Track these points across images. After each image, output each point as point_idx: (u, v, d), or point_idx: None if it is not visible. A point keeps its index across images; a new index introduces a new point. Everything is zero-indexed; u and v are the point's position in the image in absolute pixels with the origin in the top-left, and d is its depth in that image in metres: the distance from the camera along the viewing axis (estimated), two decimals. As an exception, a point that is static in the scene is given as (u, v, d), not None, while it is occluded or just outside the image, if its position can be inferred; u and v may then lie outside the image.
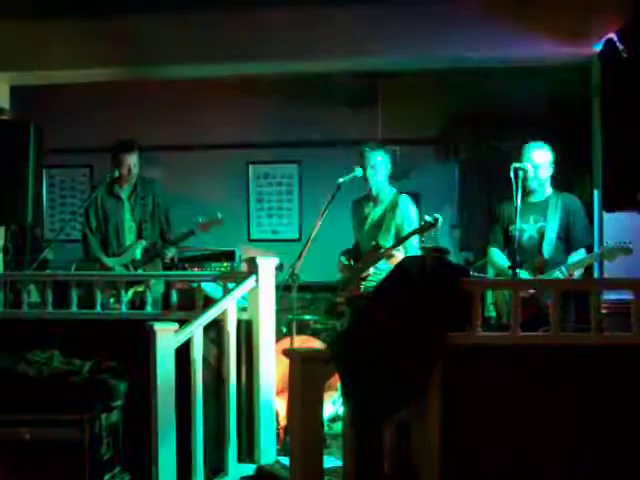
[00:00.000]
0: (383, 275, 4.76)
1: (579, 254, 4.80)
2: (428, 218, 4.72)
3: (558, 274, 4.66)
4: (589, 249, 4.91)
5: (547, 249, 4.81)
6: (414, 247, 4.96)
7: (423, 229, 4.77)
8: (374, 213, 5.17)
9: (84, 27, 5.98)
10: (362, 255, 5.16)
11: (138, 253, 5.52)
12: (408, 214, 5.04)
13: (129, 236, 5.60)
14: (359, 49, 5.78)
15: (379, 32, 5.68)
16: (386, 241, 4.99)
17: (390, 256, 4.85)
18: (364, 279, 4.96)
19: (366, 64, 6.21)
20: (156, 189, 5.73)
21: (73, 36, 5.99)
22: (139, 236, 5.60)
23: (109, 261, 5.52)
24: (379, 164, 5.10)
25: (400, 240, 4.90)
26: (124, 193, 5.64)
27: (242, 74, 6.58)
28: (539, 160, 4.84)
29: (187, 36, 5.92)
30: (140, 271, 5.47)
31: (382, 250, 4.92)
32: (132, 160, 5.57)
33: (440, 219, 4.69)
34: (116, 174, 5.55)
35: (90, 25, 5.96)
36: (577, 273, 4.73)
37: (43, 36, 6.00)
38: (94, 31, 5.97)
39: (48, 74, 6.28)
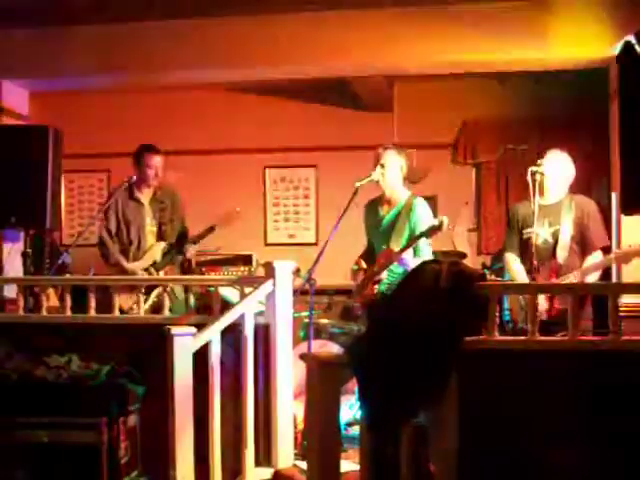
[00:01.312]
0: (396, 278, 4.78)
1: (595, 257, 4.74)
2: (434, 221, 4.68)
3: (572, 279, 4.62)
4: (606, 251, 4.83)
5: (561, 253, 4.74)
6: (428, 252, 4.92)
7: (428, 232, 4.72)
8: (389, 216, 5.13)
9: (99, 34, 6.03)
10: (376, 258, 5.13)
11: (158, 255, 5.54)
12: (422, 217, 4.98)
13: (150, 239, 5.61)
14: (372, 54, 5.79)
15: (394, 36, 5.68)
16: (398, 244, 4.95)
17: (399, 259, 4.82)
18: (378, 282, 4.93)
19: (379, 69, 6.21)
20: (174, 194, 5.75)
21: (88, 43, 6.04)
22: (159, 239, 5.62)
23: (131, 266, 5.53)
24: (391, 164, 5.04)
25: (408, 243, 4.85)
26: (145, 197, 5.66)
27: (258, 79, 6.61)
28: (558, 165, 4.82)
29: (197, 41, 5.95)
30: (161, 274, 5.49)
31: (393, 253, 4.90)
32: (159, 162, 5.59)
33: (445, 222, 4.61)
34: (149, 174, 5.54)
35: (104, 32, 6.02)
36: (592, 277, 4.69)
37: (58, 43, 6.06)
38: (109, 38, 6.03)
39: (64, 81, 6.35)
